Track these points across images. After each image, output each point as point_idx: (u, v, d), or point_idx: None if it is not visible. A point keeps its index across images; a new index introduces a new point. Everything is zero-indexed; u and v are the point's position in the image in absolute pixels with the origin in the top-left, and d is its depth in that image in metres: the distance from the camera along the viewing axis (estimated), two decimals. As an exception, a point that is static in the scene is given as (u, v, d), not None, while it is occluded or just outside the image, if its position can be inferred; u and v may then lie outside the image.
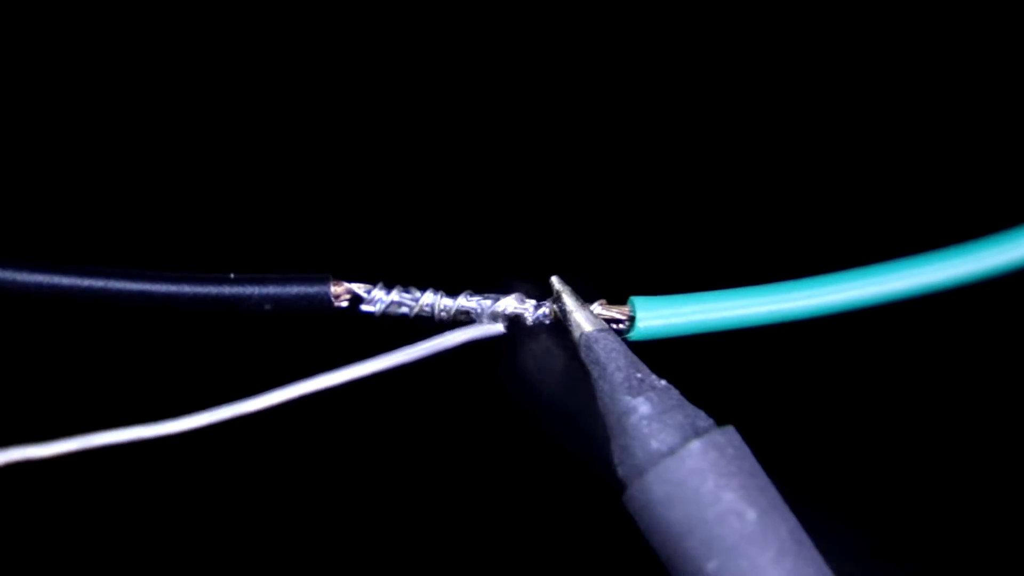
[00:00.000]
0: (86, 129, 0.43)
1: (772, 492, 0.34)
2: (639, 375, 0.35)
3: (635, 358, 0.36)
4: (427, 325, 0.39)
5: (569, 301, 0.38)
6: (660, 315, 0.38)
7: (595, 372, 0.36)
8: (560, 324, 0.39)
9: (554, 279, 0.38)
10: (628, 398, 0.35)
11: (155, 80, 0.43)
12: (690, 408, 0.35)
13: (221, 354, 0.40)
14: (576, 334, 0.37)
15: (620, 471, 0.35)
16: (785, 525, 0.33)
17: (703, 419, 0.35)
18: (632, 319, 0.38)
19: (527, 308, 0.39)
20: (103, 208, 0.42)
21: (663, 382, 0.35)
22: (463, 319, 0.39)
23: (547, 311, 0.38)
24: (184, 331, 0.40)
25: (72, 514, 0.38)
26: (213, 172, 0.42)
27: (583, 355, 0.37)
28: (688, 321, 0.38)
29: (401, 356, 0.37)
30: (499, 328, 0.38)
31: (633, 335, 0.38)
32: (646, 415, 0.34)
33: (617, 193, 0.43)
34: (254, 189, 0.42)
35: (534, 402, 0.40)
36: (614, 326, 0.38)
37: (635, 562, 0.36)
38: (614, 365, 0.36)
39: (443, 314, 0.38)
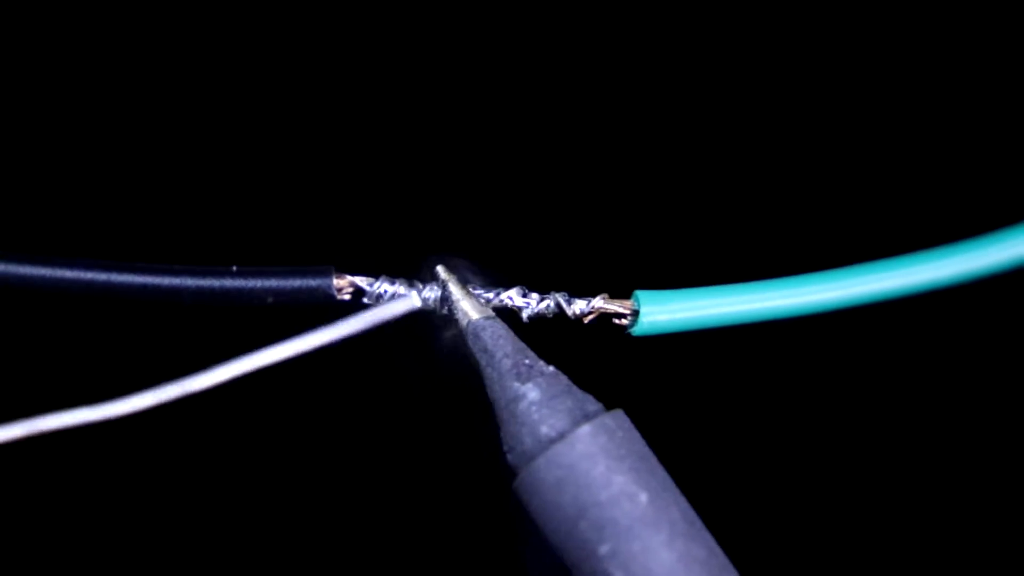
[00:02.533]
0: (88, 124, 0.42)
1: (662, 474, 0.34)
2: (527, 361, 0.35)
3: (523, 345, 0.36)
4: (426, 317, 0.38)
5: (455, 289, 0.37)
6: (665, 310, 0.38)
7: (483, 360, 0.36)
8: (556, 318, 0.39)
9: (439, 268, 0.38)
10: (517, 384, 0.35)
11: (156, 75, 0.43)
12: (579, 393, 0.35)
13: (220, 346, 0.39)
14: (463, 322, 0.37)
15: (510, 457, 0.34)
16: (677, 507, 0.33)
17: (592, 403, 0.34)
18: (636, 313, 0.38)
19: (530, 301, 0.38)
20: (105, 202, 0.41)
21: (551, 368, 0.35)
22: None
23: (552, 304, 0.38)
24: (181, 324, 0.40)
25: (22, 501, 0.37)
26: (215, 165, 0.42)
27: (471, 343, 0.36)
28: (693, 316, 0.38)
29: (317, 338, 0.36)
30: (412, 303, 0.37)
31: (637, 330, 0.38)
32: (535, 401, 0.34)
33: (621, 187, 0.43)
34: (257, 182, 0.42)
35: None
36: (617, 321, 0.38)
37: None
38: (502, 352, 0.35)
39: (446, 307, 0.38)
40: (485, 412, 0.36)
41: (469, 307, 0.37)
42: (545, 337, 0.37)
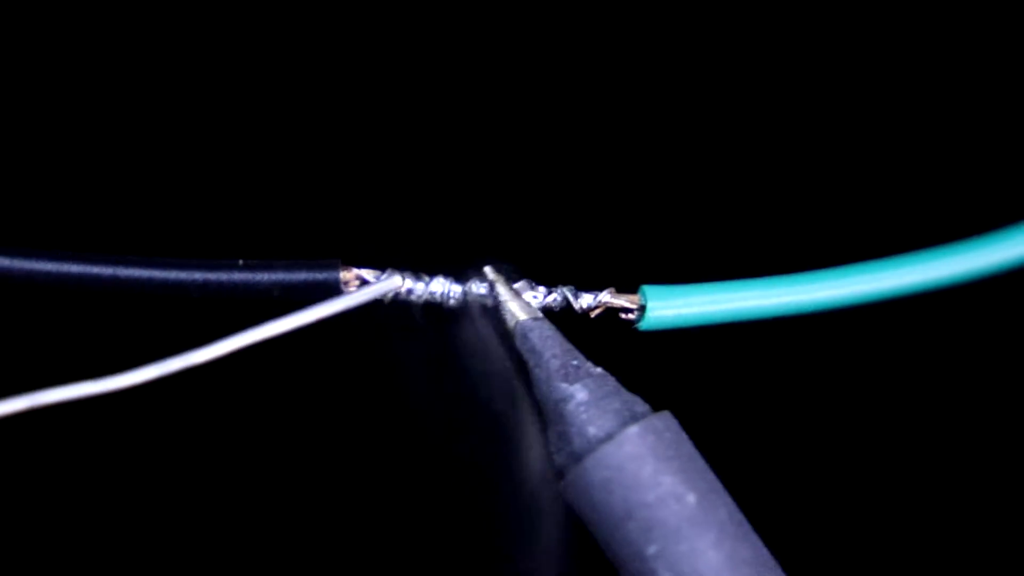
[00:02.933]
0: (93, 117, 0.42)
1: (710, 476, 0.34)
2: (575, 362, 0.35)
3: (571, 346, 0.36)
4: (436, 311, 0.38)
5: (503, 290, 0.37)
6: (672, 305, 0.38)
7: (531, 360, 0.36)
8: (562, 313, 0.38)
9: (487, 268, 0.38)
10: (565, 385, 0.35)
11: (162, 68, 0.43)
12: (627, 394, 0.35)
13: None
14: (511, 323, 0.37)
15: (557, 459, 0.34)
16: (724, 508, 0.33)
17: (640, 405, 0.35)
18: (643, 308, 0.38)
19: (537, 295, 0.38)
20: (111, 196, 0.42)
21: (599, 369, 0.35)
22: (472, 305, 0.38)
23: (559, 298, 0.38)
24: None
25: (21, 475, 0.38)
26: (221, 159, 0.42)
27: (518, 344, 0.36)
28: (700, 311, 0.38)
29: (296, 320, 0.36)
30: (396, 282, 0.37)
31: (643, 325, 0.38)
32: (583, 401, 0.34)
33: (627, 181, 0.43)
34: (263, 175, 0.42)
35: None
36: (623, 315, 0.38)
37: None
38: (550, 353, 0.36)
39: (452, 300, 0.38)
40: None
41: (517, 308, 0.37)
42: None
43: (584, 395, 0.34)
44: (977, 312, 0.42)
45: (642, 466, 0.33)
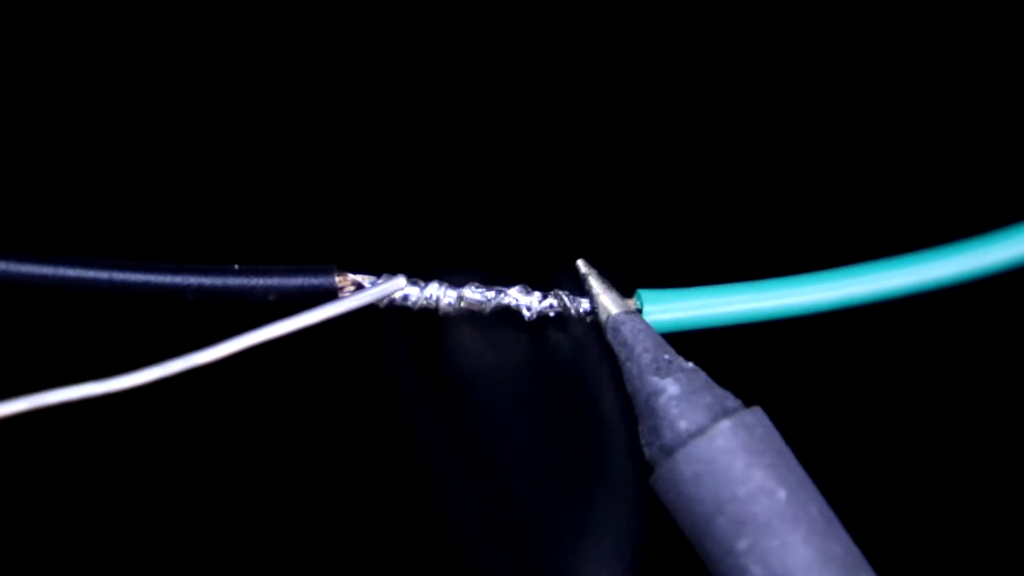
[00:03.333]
0: (90, 121, 0.43)
1: (800, 472, 0.34)
2: (667, 357, 0.36)
3: (662, 340, 0.36)
4: (432, 317, 0.39)
5: (595, 284, 0.38)
6: (668, 308, 0.38)
7: (622, 354, 0.36)
8: (559, 317, 0.39)
9: (579, 262, 0.38)
10: (656, 379, 0.35)
11: (158, 73, 0.43)
12: (718, 390, 0.35)
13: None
14: (603, 316, 0.37)
15: (648, 452, 0.35)
16: (815, 504, 0.33)
17: (731, 400, 0.35)
18: (639, 312, 0.38)
19: (532, 300, 0.39)
20: (107, 200, 0.42)
21: (691, 364, 0.36)
22: (468, 311, 0.39)
23: (555, 303, 0.38)
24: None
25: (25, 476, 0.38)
26: (217, 163, 0.42)
27: (610, 337, 0.37)
28: (697, 315, 0.38)
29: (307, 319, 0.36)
30: (400, 283, 0.38)
31: None
32: (674, 395, 0.35)
33: (622, 184, 0.43)
34: (258, 179, 0.42)
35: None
36: None
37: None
38: (641, 347, 0.36)
39: (448, 306, 0.39)
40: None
41: (609, 302, 0.37)
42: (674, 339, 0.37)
43: (676, 389, 0.35)
44: (975, 312, 0.41)
45: (733, 460, 0.33)
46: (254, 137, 0.43)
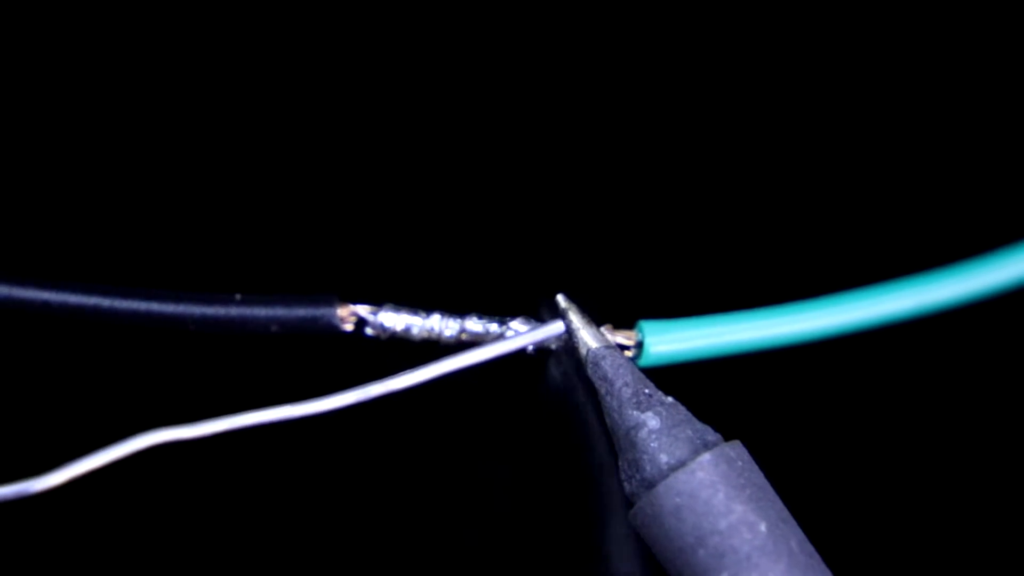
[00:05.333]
0: (90, 148, 0.43)
1: (780, 505, 0.34)
2: (647, 391, 0.36)
3: (642, 375, 0.36)
4: (433, 348, 0.39)
5: (575, 318, 0.38)
6: (671, 339, 0.38)
7: (603, 388, 0.36)
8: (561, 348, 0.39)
9: (559, 297, 0.38)
10: (637, 413, 0.35)
11: (160, 99, 0.43)
12: (698, 424, 0.35)
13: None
14: (583, 351, 0.37)
15: (628, 487, 0.35)
16: (795, 537, 0.33)
17: (711, 434, 0.35)
18: (640, 344, 0.38)
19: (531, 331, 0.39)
20: (109, 227, 0.42)
21: (671, 398, 0.36)
22: (469, 342, 0.39)
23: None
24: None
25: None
26: (219, 192, 0.43)
27: (590, 372, 0.37)
28: (701, 345, 0.38)
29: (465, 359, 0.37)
30: (559, 327, 0.38)
31: (643, 361, 0.38)
32: (655, 429, 0.35)
33: (622, 213, 0.43)
34: (260, 209, 0.42)
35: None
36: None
37: None
38: (622, 381, 0.36)
39: (449, 337, 0.39)
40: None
41: (589, 336, 0.37)
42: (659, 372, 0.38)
43: (656, 423, 0.35)
44: (975, 334, 0.42)
45: (714, 494, 0.33)
46: (255, 166, 0.43)
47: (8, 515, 0.36)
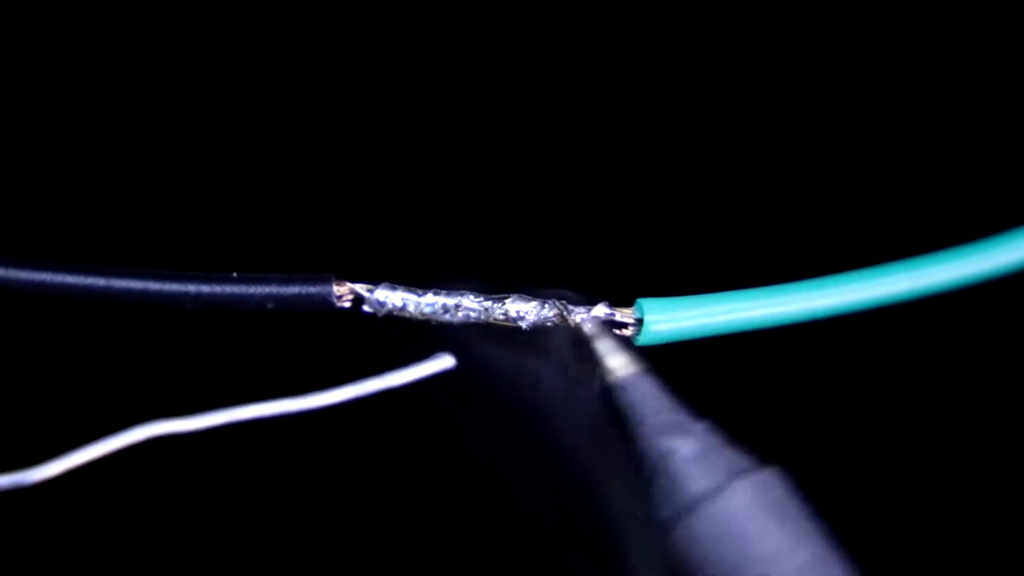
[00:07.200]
0: (88, 128, 0.43)
1: (822, 532, 0.33)
2: (678, 417, 0.35)
3: (673, 400, 0.35)
4: (428, 327, 0.38)
5: (603, 345, 0.37)
6: (670, 318, 0.37)
7: (632, 416, 0.35)
8: (559, 326, 0.38)
9: (587, 324, 0.37)
10: (668, 439, 0.34)
11: (157, 80, 0.43)
12: (734, 448, 0.34)
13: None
14: (611, 378, 0.36)
15: (662, 513, 0.34)
16: (839, 568, 0.32)
17: (747, 459, 0.34)
18: (640, 322, 0.37)
19: (531, 308, 0.38)
20: (106, 207, 0.42)
21: (703, 424, 0.35)
22: (466, 319, 0.38)
23: (552, 313, 0.38)
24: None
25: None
26: (216, 171, 0.42)
27: (619, 399, 0.36)
28: (700, 324, 0.37)
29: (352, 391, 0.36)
30: (449, 362, 0.37)
31: (641, 339, 0.37)
32: (687, 456, 0.34)
33: (621, 193, 0.43)
34: (258, 188, 0.42)
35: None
36: (620, 331, 0.37)
37: None
38: (651, 408, 0.35)
39: (446, 315, 0.38)
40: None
41: (617, 363, 0.36)
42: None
43: (688, 450, 0.34)
44: (974, 316, 0.41)
45: (751, 520, 0.32)
46: (252, 145, 0.43)
47: (4, 506, 0.36)
